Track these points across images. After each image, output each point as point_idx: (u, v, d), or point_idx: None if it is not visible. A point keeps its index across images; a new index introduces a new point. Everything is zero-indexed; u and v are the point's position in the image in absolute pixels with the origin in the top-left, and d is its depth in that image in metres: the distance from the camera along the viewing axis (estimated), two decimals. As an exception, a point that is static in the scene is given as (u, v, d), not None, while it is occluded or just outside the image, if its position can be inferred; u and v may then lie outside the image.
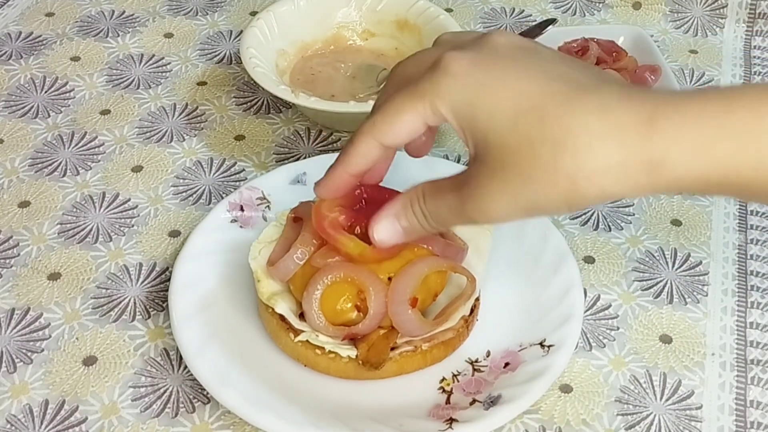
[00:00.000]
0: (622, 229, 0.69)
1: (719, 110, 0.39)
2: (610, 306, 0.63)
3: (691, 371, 0.58)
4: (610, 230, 0.68)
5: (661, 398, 0.57)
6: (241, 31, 0.83)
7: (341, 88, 0.78)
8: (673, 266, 0.66)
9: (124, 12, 0.91)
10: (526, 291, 0.61)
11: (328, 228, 0.54)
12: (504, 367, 0.56)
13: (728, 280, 0.65)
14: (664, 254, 0.67)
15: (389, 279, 0.54)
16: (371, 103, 0.71)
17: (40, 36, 0.88)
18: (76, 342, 0.59)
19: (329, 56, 0.82)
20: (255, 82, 0.73)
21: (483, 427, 0.52)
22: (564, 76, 0.42)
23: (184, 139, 0.76)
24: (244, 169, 0.73)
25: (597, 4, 0.94)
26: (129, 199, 0.70)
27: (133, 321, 0.61)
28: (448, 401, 0.55)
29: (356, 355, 0.54)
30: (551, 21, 0.78)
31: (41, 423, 0.54)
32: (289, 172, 0.68)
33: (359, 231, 0.54)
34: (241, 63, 0.75)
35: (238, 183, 0.71)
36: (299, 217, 0.58)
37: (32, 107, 0.79)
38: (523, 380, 0.54)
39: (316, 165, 0.69)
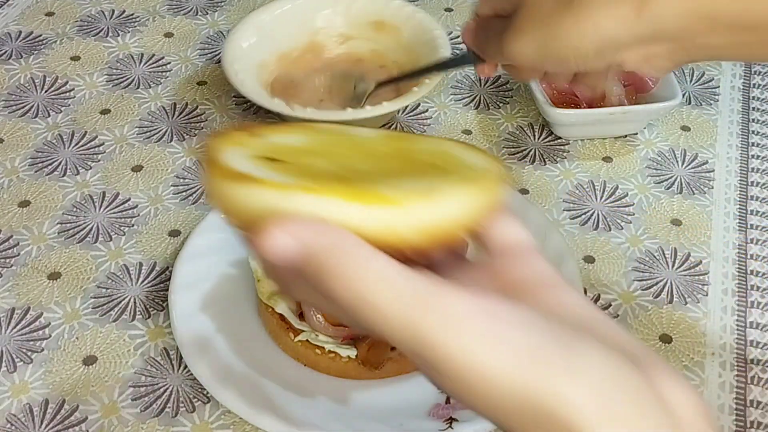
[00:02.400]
0: (622, 228, 0.69)
1: None
2: (610, 306, 0.63)
3: (691, 371, 0.58)
4: (610, 230, 0.68)
5: (661, 398, 0.57)
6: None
7: (322, 98, 0.77)
8: (673, 266, 0.66)
9: (124, 11, 0.91)
10: (526, 291, 0.61)
11: None
12: (504, 366, 0.56)
13: (728, 279, 0.65)
14: (664, 254, 0.67)
15: (389, 279, 0.54)
16: (368, 108, 0.71)
17: (40, 35, 0.88)
18: (76, 341, 0.59)
19: (307, 65, 0.81)
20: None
21: (483, 427, 0.52)
22: None
23: (184, 139, 0.76)
24: (244, 169, 0.73)
25: (597, 4, 0.94)
26: (129, 199, 0.70)
27: (133, 321, 0.61)
28: (448, 400, 0.55)
29: (356, 355, 0.54)
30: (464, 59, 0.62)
31: (41, 422, 0.55)
32: (289, 172, 0.68)
33: None
34: (241, 63, 0.75)
35: (238, 183, 0.71)
36: (299, 217, 0.58)
37: (32, 107, 0.79)
38: (523, 380, 0.54)
39: (316, 165, 0.69)
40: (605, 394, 0.28)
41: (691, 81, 0.84)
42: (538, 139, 0.77)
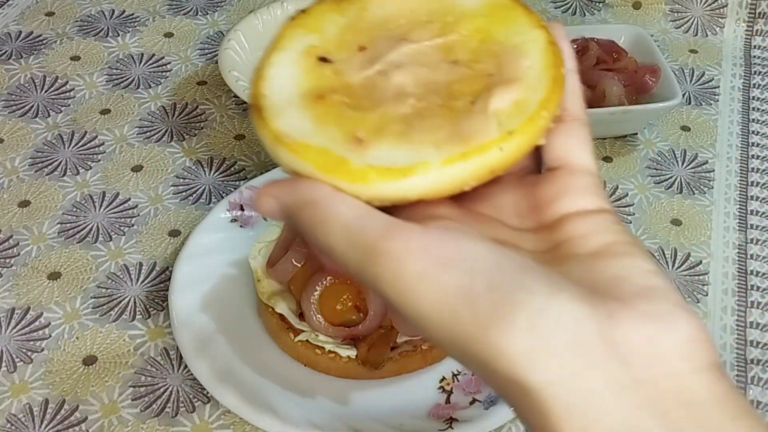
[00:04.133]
0: (622, 228, 0.69)
1: None
2: (610, 306, 0.63)
3: (691, 371, 0.58)
4: (610, 230, 0.68)
5: (661, 398, 0.57)
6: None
7: None
8: (673, 266, 0.66)
9: (124, 11, 0.91)
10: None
11: None
12: (504, 366, 0.56)
13: (728, 279, 0.65)
14: (664, 254, 0.67)
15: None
16: None
17: (40, 35, 0.88)
18: (76, 341, 0.59)
19: None
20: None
21: (483, 427, 0.52)
22: None
23: (184, 139, 0.76)
24: (244, 169, 0.73)
25: (597, 4, 0.94)
26: (129, 199, 0.70)
27: (133, 320, 0.61)
28: (448, 401, 0.55)
29: (356, 355, 0.54)
30: None
31: (41, 422, 0.54)
32: (289, 172, 0.68)
33: None
34: (241, 63, 0.75)
35: (238, 183, 0.71)
36: (299, 217, 0.58)
37: (32, 107, 0.79)
38: (523, 380, 0.54)
39: (316, 165, 0.69)
40: (543, 345, 0.27)
41: (691, 81, 0.84)
42: (538, 139, 0.77)
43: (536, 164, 0.35)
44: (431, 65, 0.34)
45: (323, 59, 0.35)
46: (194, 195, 0.71)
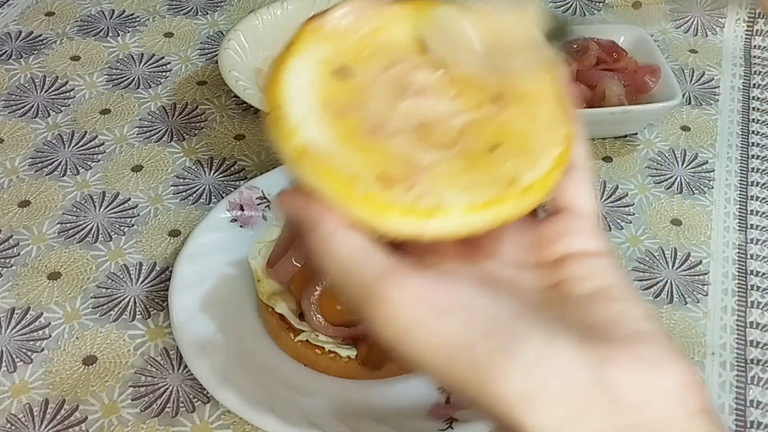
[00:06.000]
0: (622, 228, 0.69)
1: None
2: (610, 306, 0.63)
3: (691, 371, 0.58)
4: (610, 230, 0.68)
5: (661, 398, 0.57)
6: (241, 31, 0.83)
7: None
8: (673, 266, 0.66)
9: (124, 11, 0.91)
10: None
11: None
12: (504, 366, 0.56)
13: (728, 279, 0.65)
14: (664, 254, 0.67)
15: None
16: None
17: (40, 35, 0.88)
18: (76, 341, 0.59)
19: None
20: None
21: (483, 427, 0.52)
22: None
23: (184, 139, 0.76)
24: (244, 169, 0.73)
25: (597, 4, 0.94)
26: (129, 199, 0.70)
27: (133, 320, 0.61)
28: (448, 401, 0.55)
29: (356, 355, 0.54)
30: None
31: (41, 422, 0.54)
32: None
33: None
34: (241, 63, 0.75)
35: (238, 183, 0.71)
36: (299, 217, 0.58)
37: (32, 107, 0.79)
38: (523, 380, 0.54)
39: (316, 165, 0.69)
40: (538, 392, 0.28)
41: (691, 81, 0.84)
42: (538, 139, 0.77)
43: None
44: (447, 100, 0.34)
45: (341, 71, 0.34)
46: (194, 195, 0.71)
